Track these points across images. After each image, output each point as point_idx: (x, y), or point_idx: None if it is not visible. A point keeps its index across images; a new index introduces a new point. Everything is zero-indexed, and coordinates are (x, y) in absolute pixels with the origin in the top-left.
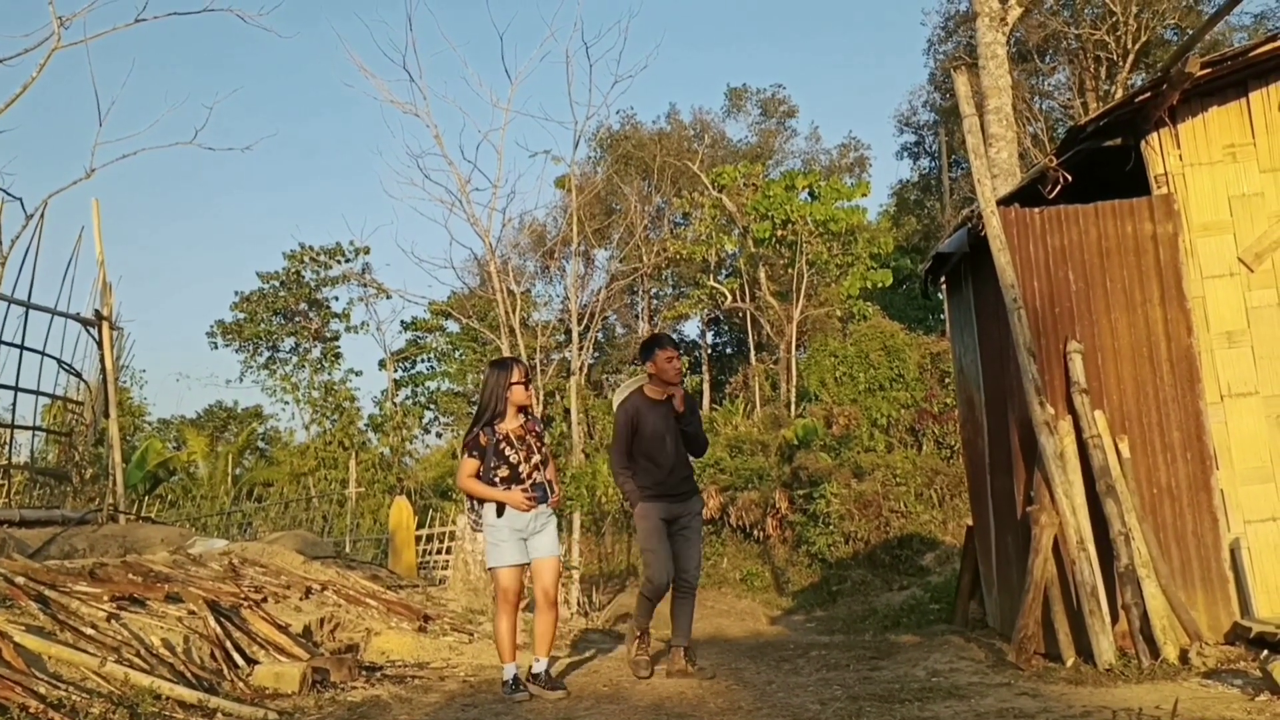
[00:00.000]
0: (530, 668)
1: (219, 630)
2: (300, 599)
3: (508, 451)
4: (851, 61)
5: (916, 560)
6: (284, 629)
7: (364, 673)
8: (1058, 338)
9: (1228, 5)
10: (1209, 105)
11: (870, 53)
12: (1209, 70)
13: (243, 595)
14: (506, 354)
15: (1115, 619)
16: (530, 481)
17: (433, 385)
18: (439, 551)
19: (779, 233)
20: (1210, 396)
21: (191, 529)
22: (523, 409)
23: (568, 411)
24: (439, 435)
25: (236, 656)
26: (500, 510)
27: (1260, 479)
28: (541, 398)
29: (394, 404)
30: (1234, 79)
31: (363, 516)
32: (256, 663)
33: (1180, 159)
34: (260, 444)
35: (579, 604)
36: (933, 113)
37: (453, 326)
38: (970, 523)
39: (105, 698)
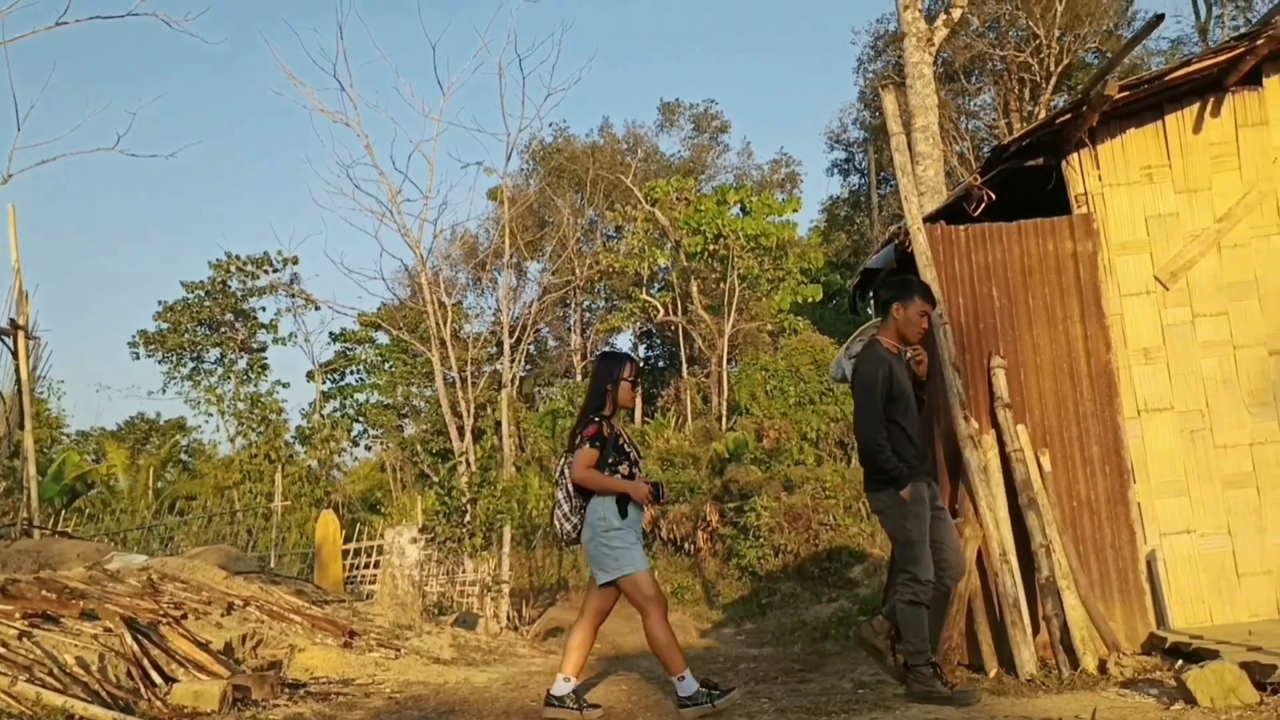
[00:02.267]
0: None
1: (136, 648)
2: (222, 615)
3: (627, 447)
4: (783, 79)
5: (845, 573)
6: (204, 646)
7: (286, 690)
8: (982, 353)
9: (1142, 31)
10: (1127, 127)
11: (802, 70)
12: (1126, 93)
13: (161, 612)
14: (438, 366)
15: (1037, 630)
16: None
17: (362, 397)
18: (366, 566)
19: (711, 247)
20: (1128, 411)
21: (110, 544)
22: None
23: (499, 424)
24: (368, 448)
25: (154, 675)
26: (624, 510)
27: (1175, 492)
28: (472, 410)
29: (322, 416)
30: (1150, 102)
31: (289, 530)
32: (175, 681)
33: (1099, 179)
34: (183, 457)
35: (509, 618)
36: (862, 130)
37: (382, 338)
38: None
39: (15, 718)
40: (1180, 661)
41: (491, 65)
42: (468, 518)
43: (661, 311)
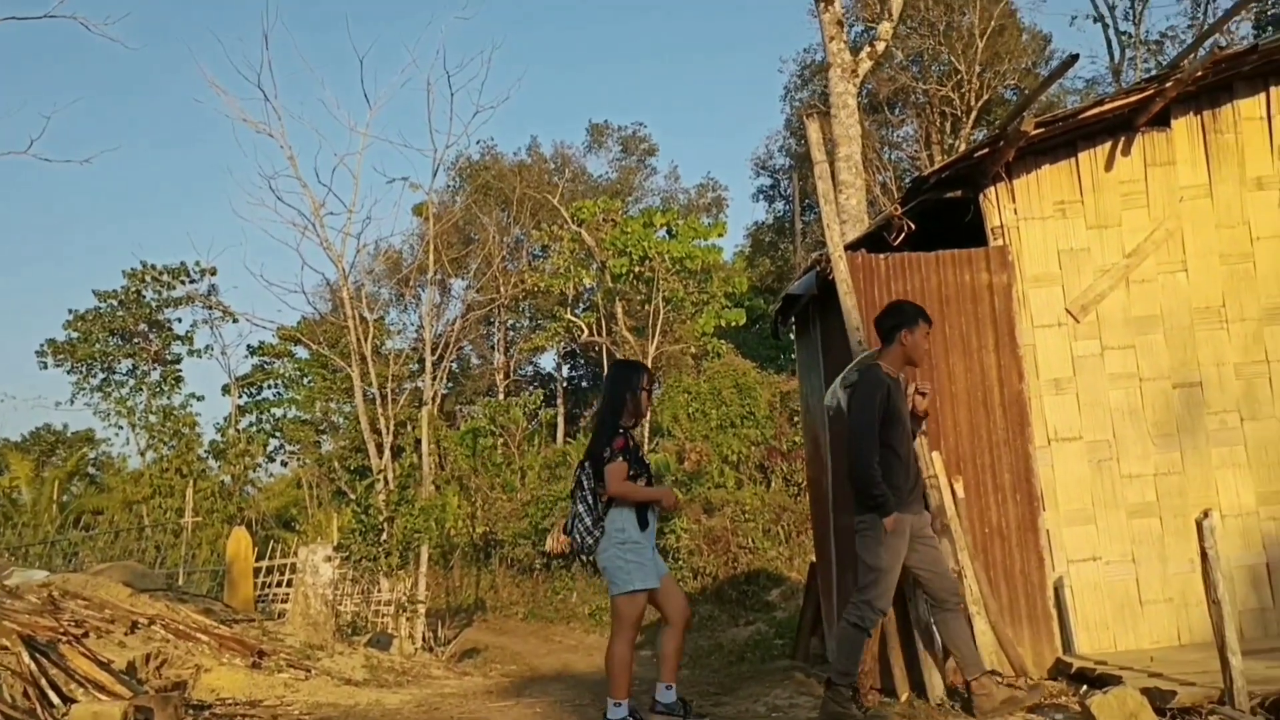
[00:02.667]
0: (655, 695)
1: (33, 667)
2: (125, 634)
3: (645, 459)
4: (712, 104)
5: (763, 596)
6: (106, 666)
7: (191, 711)
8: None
9: (1057, 70)
10: (1042, 163)
11: (730, 97)
12: (1042, 130)
13: (62, 630)
14: (357, 382)
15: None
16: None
17: (279, 412)
18: (279, 584)
19: (636, 269)
20: (1039, 440)
21: (11, 559)
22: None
23: (419, 442)
24: (284, 464)
25: (52, 695)
26: (644, 523)
27: (1083, 520)
28: (392, 427)
29: (237, 431)
30: (1065, 139)
31: (199, 547)
32: (74, 702)
33: (1015, 213)
34: (91, 470)
35: (424, 639)
36: (788, 158)
37: (302, 353)
38: (814, 559)
39: None
40: (1085, 687)
41: (420, 81)
42: (384, 536)
43: (586, 332)
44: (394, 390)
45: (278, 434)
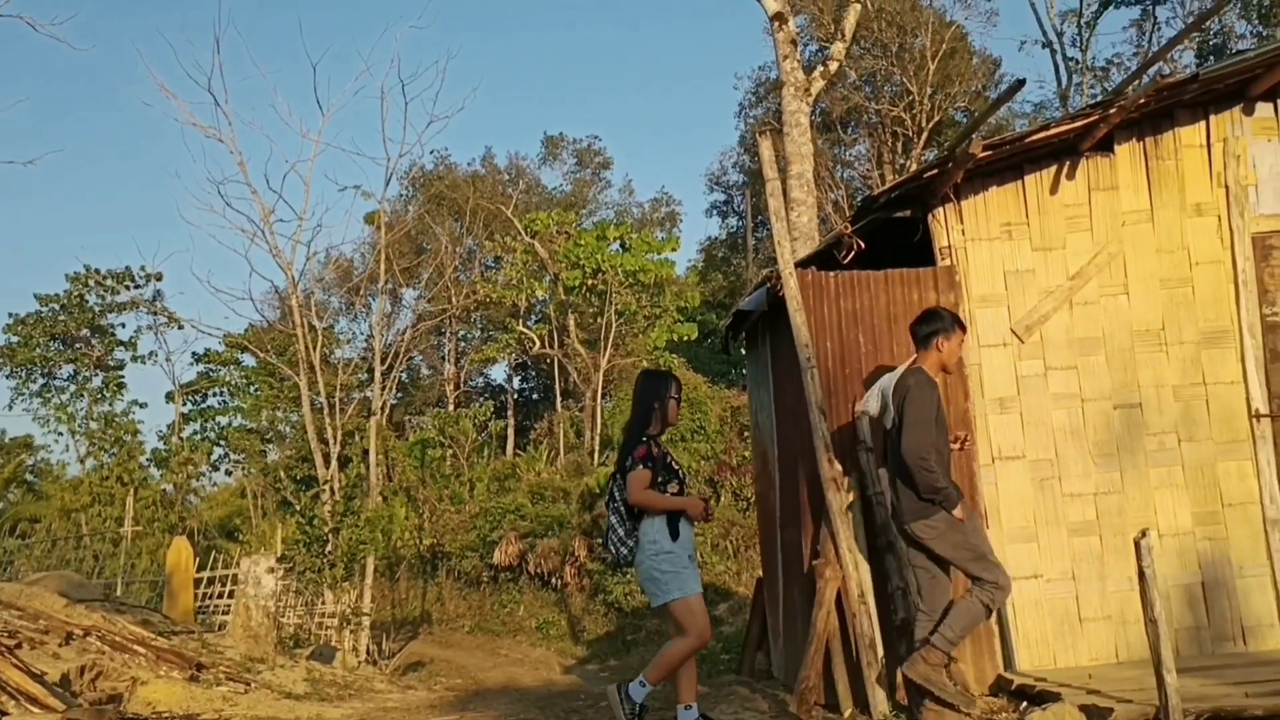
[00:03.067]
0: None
1: None
2: (60, 645)
3: (675, 465)
4: (667, 119)
5: (710, 610)
6: (38, 677)
7: None
8: (848, 397)
9: (1005, 94)
10: (989, 185)
11: (685, 112)
12: (990, 153)
13: None
14: (305, 391)
15: (892, 670)
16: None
17: (224, 420)
18: (220, 596)
19: (589, 281)
20: (983, 459)
21: None
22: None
23: (366, 452)
24: (228, 473)
25: None
26: (675, 533)
27: (1025, 538)
28: (339, 437)
29: (180, 439)
30: (1012, 162)
31: (139, 557)
32: (5, 714)
33: (963, 234)
34: (29, 477)
35: (368, 652)
36: (742, 174)
37: (249, 360)
38: (761, 574)
39: None
40: (1025, 703)
41: (373, 89)
42: (329, 547)
43: (537, 344)
44: (342, 400)
45: (222, 442)
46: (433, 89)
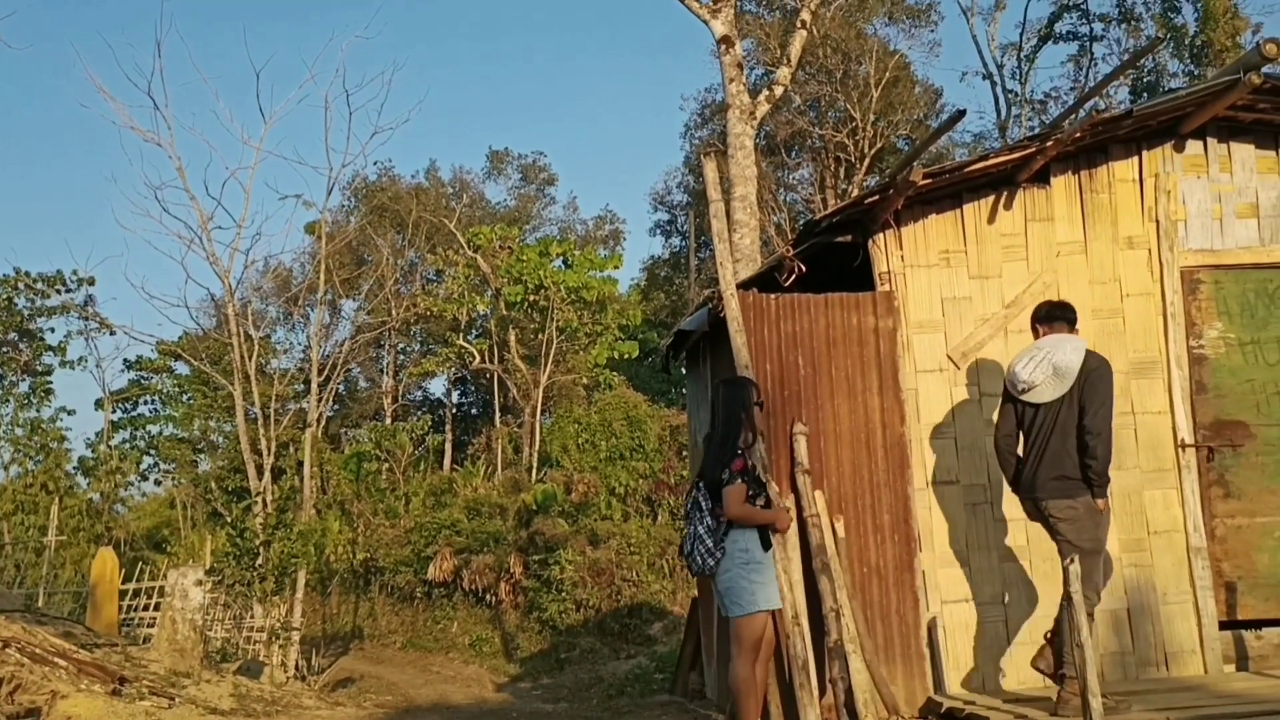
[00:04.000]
0: None
1: None
2: None
3: (764, 478)
4: (613, 137)
5: (645, 629)
6: None
7: None
8: (785, 419)
9: (945, 124)
10: (929, 213)
11: (631, 131)
12: (930, 181)
13: None
14: (239, 400)
15: (823, 692)
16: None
17: (155, 429)
18: (146, 608)
19: (531, 297)
20: (918, 483)
21: None
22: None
23: (301, 464)
24: (158, 483)
25: None
26: (767, 542)
27: (957, 562)
28: (273, 448)
29: (109, 447)
30: (951, 191)
31: (62, 567)
32: None
33: (902, 260)
34: None
35: (297, 667)
36: (686, 194)
37: (182, 369)
38: (696, 594)
39: None
40: None
41: (317, 98)
42: (260, 560)
43: (477, 358)
44: (277, 411)
45: (152, 451)
46: (378, 100)
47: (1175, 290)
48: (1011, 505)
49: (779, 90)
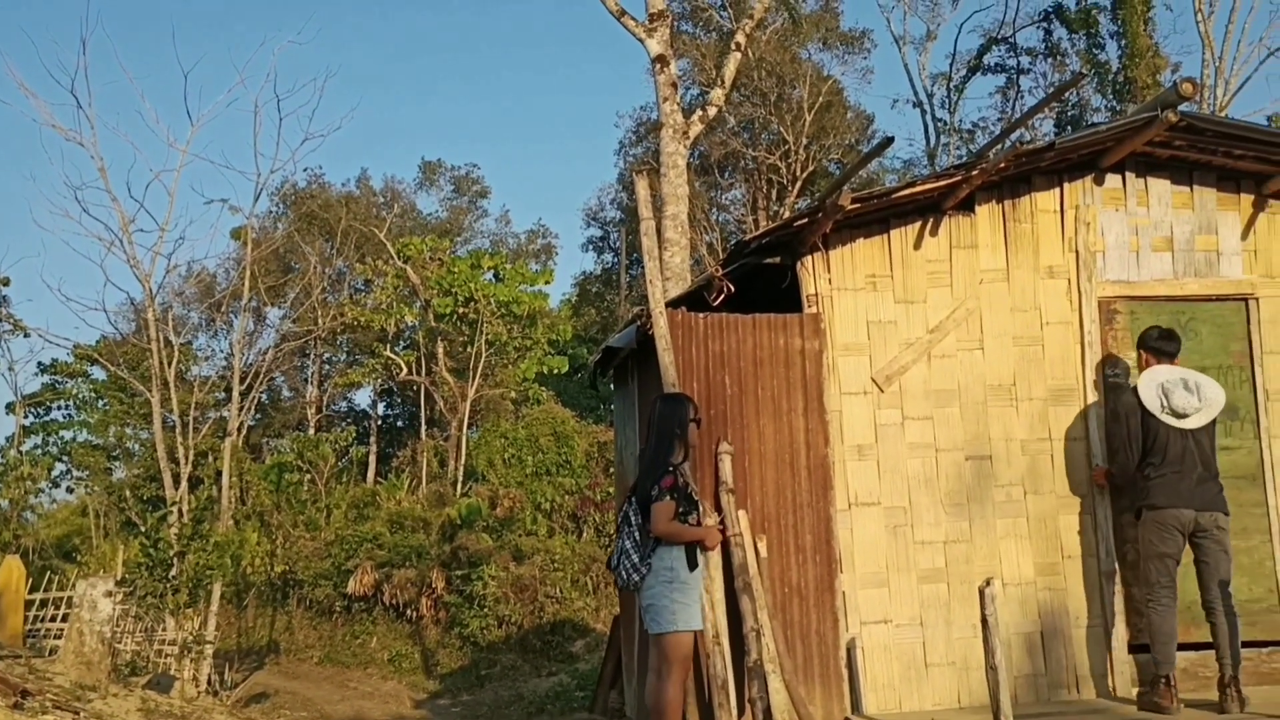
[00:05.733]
0: None
1: None
2: None
3: (695, 495)
4: (548, 152)
5: (567, 646)
6: None
7: None
8: (711, 438)
9: (873, 150)
10: (857, 237)
11: (566, 146)
12: (858, 205)
13: None
14: (157, 408)
15: (742, 711)
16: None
17: (68, 435)
18: (53, 619)
19: (461, 310)
20: (840, 504)
21: None
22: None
23: (219, 474)
24: (70, 490)
25: None
26: (694, 562)
27: (877, 583)
28: (191, 457)
29: (19, 452)
30: (879, 216)
31: None
32: None
33: (829, 283)
34: None
35: (209, 681)
36: (619, 211)
37: (99, 373)
38: (618, 611)
39: None
40: None
41: (247, 102)
42: (174, 572)
43: (404, 370)
44: (197, 419)
45: (65, 458)
46: (309, 106)
47: (1093, 320)
48: (930, 528)
49: (713, 111)
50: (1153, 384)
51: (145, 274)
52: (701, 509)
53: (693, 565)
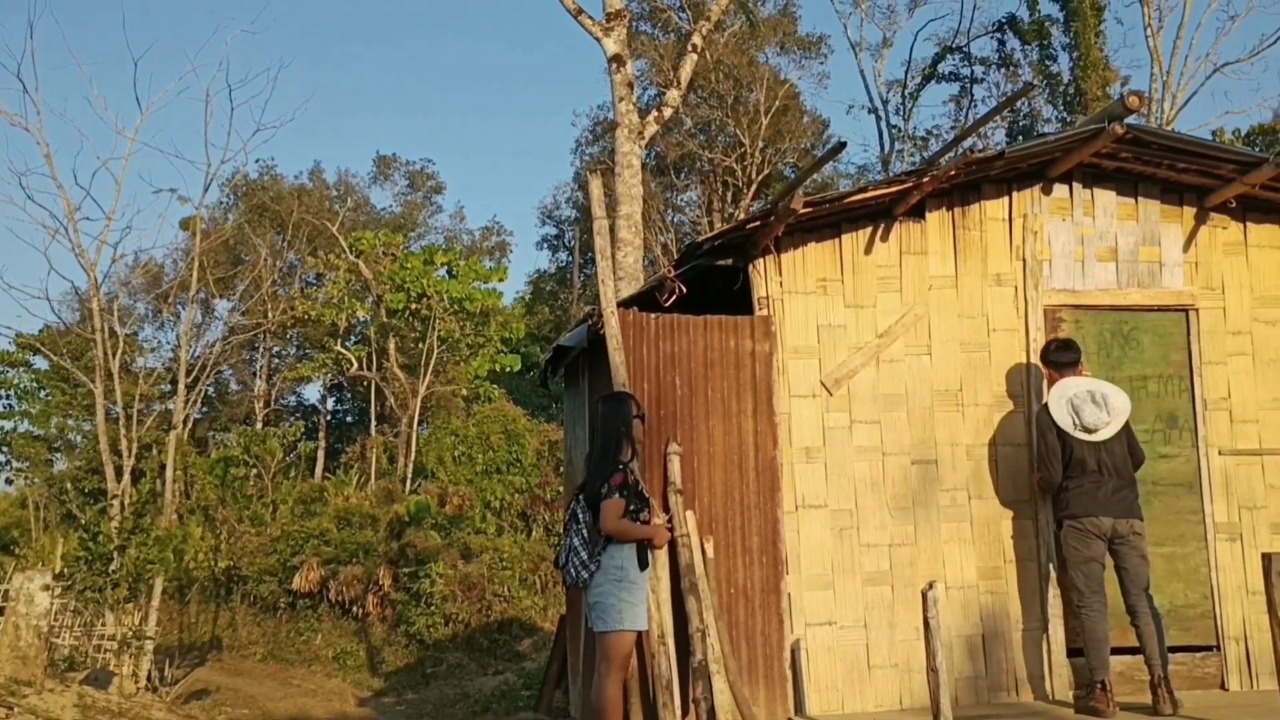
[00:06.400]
0: None
1: None
2: None
3: (646, 494)
4: (504, 149)
5: (514, 645)
6: None
7: None
8: (661, 438)
9: (826, 155)
10: (809, 241)
11: (523, 144)
12: (810, 209)
13: None
14: (100, 399)
15: (686, 712)
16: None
17: (9, 425)
18: None
19: (413, 305)
20: (787, 506)
21: None
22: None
23: (163, 467)
24: (9, 481)
25: None
26: (644, 561)
27: (822, 585)
28: (135, 450)
29: None
30: (831, 220)
31: None
32: None
33: (781, 285)
34: None
35: (149, 678)
36: (574, 210)
37: (41, 363)
38: (565, 611)
39: None
40: None
41: (198, 91)
42: (114, 566)
43: (355, 365)
44: (141, 411)
45: (5, 449)
46: (262, 96)
47: (1038, 327)
48: (876, 531)
49: (668, 112)
50: (1062, 400)
51: (91, 263)
52: (655, 508)
53: (643, 565)
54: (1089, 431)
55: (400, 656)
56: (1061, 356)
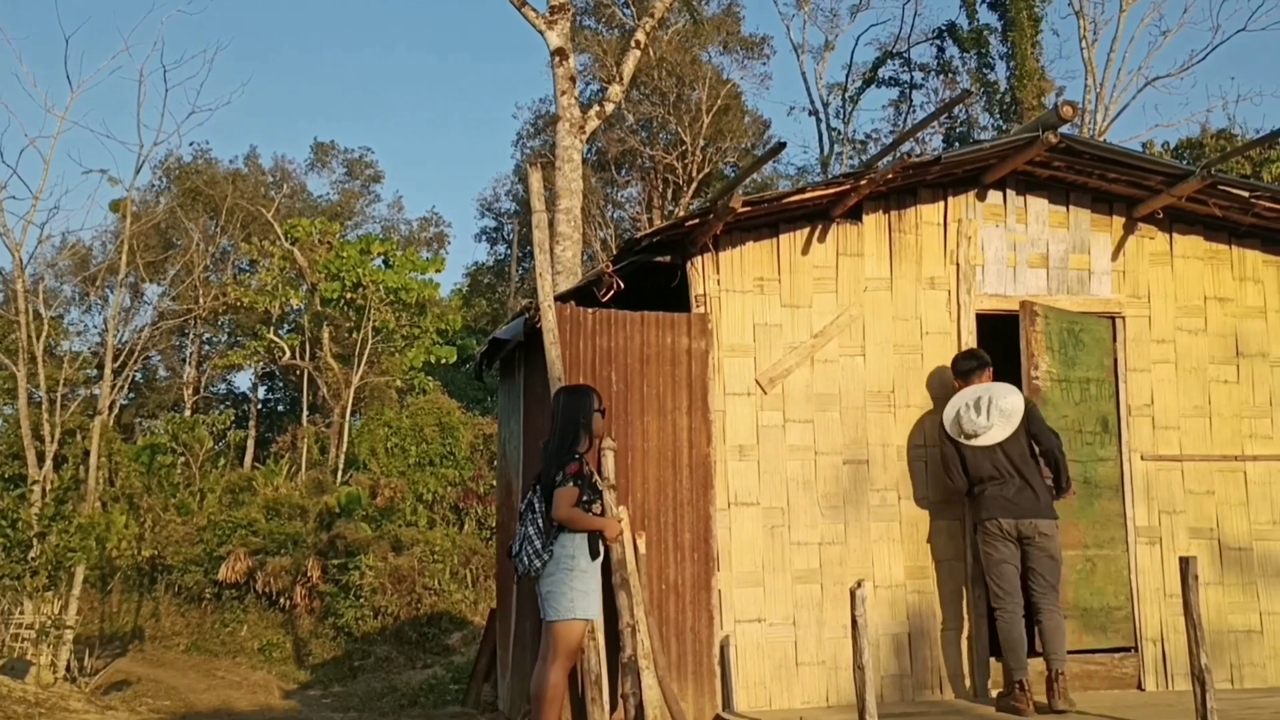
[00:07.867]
0: None
1: None
2: None
3: (600, 485)
4: (445, 140)
5: (444, 639)
6: None
7: None
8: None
9: (765, 155)
10: (747, 240)
11: (463, 135)
12: (749, 209)
13: None
14: (22, 383)
15: (614, 706)
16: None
17: None
18: None
19: (348, 295)
20: (720, 503)
21: None
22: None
23: (87, 453)
24: None
25: None
26: (595, 550)
27: (752, 583)
28: (57, 435)
29: None
30: (769, 220)
31: None
32: None
33: (718, 284)
34: None
35: (68, 668)
36: (514, 203)
37: None
38: (495, 605)
39: None
40: None
41: (132, 70)
42: (33, 553)
43: (288, 354)
44: (65, 396)
45: None
46: (198, 79)
47: (970, 331)
48: (807, 530)
49: (610, 107)
50: (951, 409)
51: (16, 243)
52: (609, 500)
53: (595, 554)
54: (969, 438)
55: (327, 649)
56: (961, 365)
